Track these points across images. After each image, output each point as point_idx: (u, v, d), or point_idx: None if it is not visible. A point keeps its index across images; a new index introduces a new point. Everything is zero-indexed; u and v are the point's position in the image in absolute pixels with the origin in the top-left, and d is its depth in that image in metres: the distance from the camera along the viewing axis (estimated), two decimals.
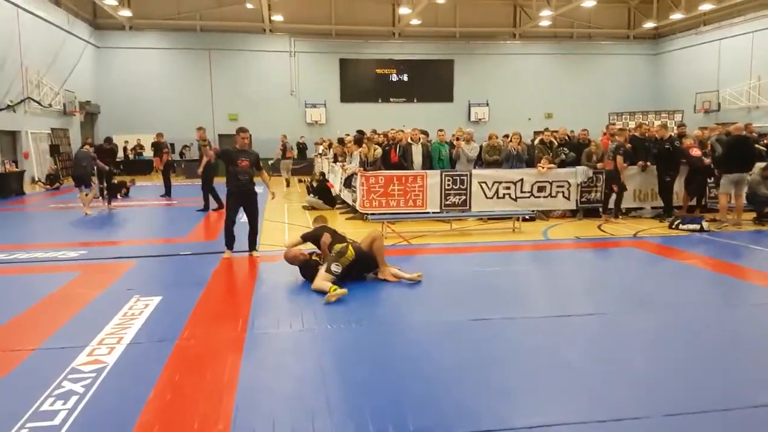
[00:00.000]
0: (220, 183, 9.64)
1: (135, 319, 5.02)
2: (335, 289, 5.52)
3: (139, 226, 11.33)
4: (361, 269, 6.29)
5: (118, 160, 12.91)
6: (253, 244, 7.75)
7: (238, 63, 27.50)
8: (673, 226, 9.84)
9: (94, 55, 26.04)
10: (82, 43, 24.21)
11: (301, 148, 25.92)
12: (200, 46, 27.14)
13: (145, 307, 5.37)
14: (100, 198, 13.22)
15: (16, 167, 17.91)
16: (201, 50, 27.16)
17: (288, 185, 19.40)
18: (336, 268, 5.89)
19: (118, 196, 14.38)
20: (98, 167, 12.74)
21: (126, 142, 25.61)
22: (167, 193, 15.29)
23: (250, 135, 7.82)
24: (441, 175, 10.75)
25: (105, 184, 13.23)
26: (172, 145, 23.54)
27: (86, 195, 12.21)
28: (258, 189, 7.86)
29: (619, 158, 10.46)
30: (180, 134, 24.76)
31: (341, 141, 15.09)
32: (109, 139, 15.04)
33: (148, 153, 24.38)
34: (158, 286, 6.24)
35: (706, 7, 24.12)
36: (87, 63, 24.89)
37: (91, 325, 4.86)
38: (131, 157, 25.98)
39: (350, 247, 6.12)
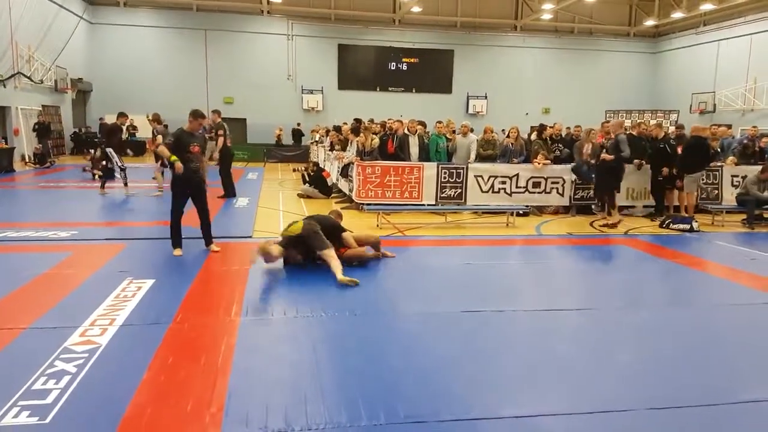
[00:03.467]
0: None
1: (128, 301, 5.01)
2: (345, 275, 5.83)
3: (132, 208, 11.24)
4: (307, 249, 6.33)
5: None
6: (208, 237, 7.16)
7: (235, 45, 27.10)
8: (664, 226, 9.94)
9: (88, 31, 25.53)
10: (75, 18, 23.60)
11: (298, 134, 25.84)
12: (196, 26, 26.74)
13: (138, 289, 5.35)
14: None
15: (6, 144, 17.67)
16: (197, 30, 26.74)
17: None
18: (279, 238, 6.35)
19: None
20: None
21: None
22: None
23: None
24: (437, 167, 10.75)
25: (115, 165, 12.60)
26: (166, 126, 23.29)
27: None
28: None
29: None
30: (174, 115, 24.26)
31: (337, 129, 15.03)
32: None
33: (141, 134, 24.12)
34: (151, 269, 6.21)
35: (707, 6, 24.18)
36: (80, 39, 24.39)
37: (83, 305, 4.84)
38: (125, 137, 25.62)
39: (300, 222, 6.40)
